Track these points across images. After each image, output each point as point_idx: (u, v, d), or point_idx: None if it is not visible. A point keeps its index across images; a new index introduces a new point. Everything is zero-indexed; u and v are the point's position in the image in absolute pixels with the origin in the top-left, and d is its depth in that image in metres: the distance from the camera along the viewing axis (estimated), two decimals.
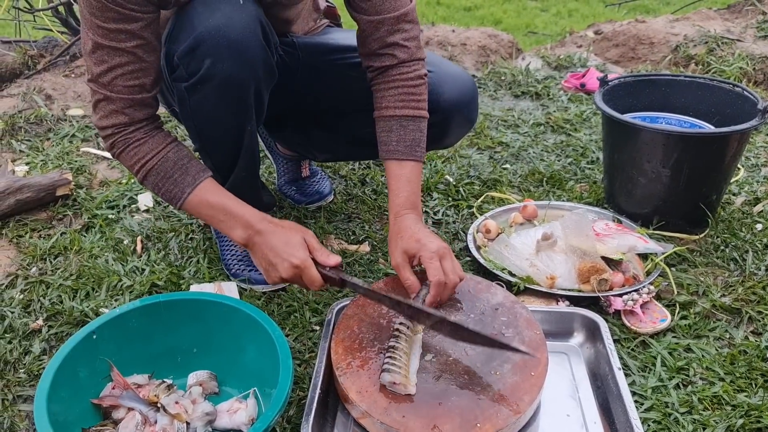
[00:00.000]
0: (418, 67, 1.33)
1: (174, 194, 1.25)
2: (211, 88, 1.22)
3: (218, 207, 1.25)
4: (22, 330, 1.39)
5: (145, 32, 1.17)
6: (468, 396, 1.10)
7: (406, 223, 1.28)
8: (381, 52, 1.32)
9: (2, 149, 2.22)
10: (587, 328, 1.32)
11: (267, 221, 1.24)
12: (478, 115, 1.55)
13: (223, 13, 1.17)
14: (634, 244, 1.54)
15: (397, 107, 1.32)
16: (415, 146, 1.32)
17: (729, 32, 3.15)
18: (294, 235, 1.21)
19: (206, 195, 1.25)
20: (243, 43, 1.18)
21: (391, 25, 1.30)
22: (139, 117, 1.23)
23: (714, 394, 1.20)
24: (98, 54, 1.16)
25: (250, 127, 1.34)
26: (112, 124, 1.22)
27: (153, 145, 1.24)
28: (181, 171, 1.25)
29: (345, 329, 1.23)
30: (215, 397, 1.20)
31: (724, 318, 1.41)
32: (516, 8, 5.40)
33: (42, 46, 2.98)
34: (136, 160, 1.24)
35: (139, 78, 1.19)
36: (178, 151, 1.26)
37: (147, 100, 1.23)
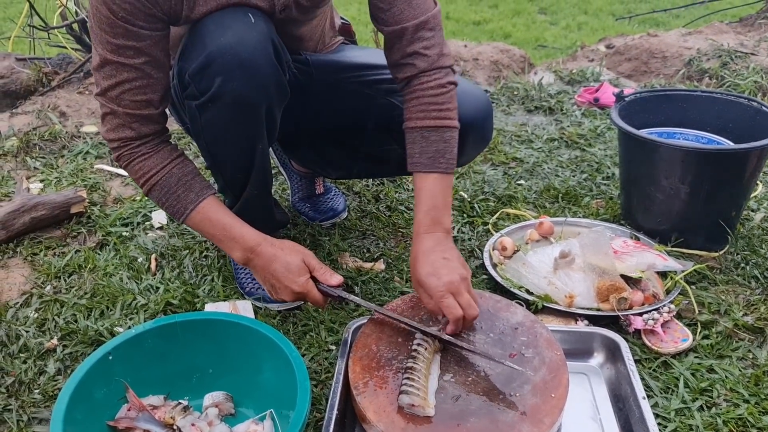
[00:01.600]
0: (440, 75, 1.29)
1: (177, 210, 1.27)
2: (222, 106, 1.22)
3: (218, 226, 1.27)
4: (36, 349, 1.38)
5: (153, 50, 1.18)
6: (487, 417, 1.08)
7: (423, 246, 1.24)
8: (402, 62, 1.30)
9: (17, 166, 2.23)
10: (607, 348, 1.30)
11: (267, 243, 1.25)
12: (492, 134, 1.54)
13: (234, 31, 1.17)
14: (654, 262, 1.52)
15: (418, 118, 1.29)
16: (438, 157, 1.28)
17: (742, 46, 3.13)
18: (293, 258, 1.23)
19: (208, 213, 1.27)
20: (254, 61, 1.18)
21: (412, 34, 1.27)
22: (145, 132, 1.24)
23: (739, 417, 1.18)
24: (106, 69, 1.17)
25: (262, 145, 1.34)
26: (118, 137, 1.23)
27: (158, 160, 1.25)
28: (184, 187, 1.26)
29: (363, 348, 1.22)
30: (231, 419, 1.19)
31: (747, 337, 1.38)
32: (525, 22, 5.40)
33: (56, 63, 3.00)
34: (141, 174, 1.26)
35: (146, 93, 1.20)
36: (183, 167, 1.27)
37: (154, 115, 1.24)
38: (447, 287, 1.17)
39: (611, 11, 5.64)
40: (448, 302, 1.16)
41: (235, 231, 1.26)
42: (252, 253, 1.24)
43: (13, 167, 2.22)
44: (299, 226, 1.81)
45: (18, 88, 2.85)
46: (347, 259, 1.66)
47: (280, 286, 1.21)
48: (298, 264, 1.22)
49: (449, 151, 1.29)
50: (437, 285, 1.17)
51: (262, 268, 1.24)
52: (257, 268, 1.25)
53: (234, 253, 1.27)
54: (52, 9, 3.07)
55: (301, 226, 1.80)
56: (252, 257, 1.25)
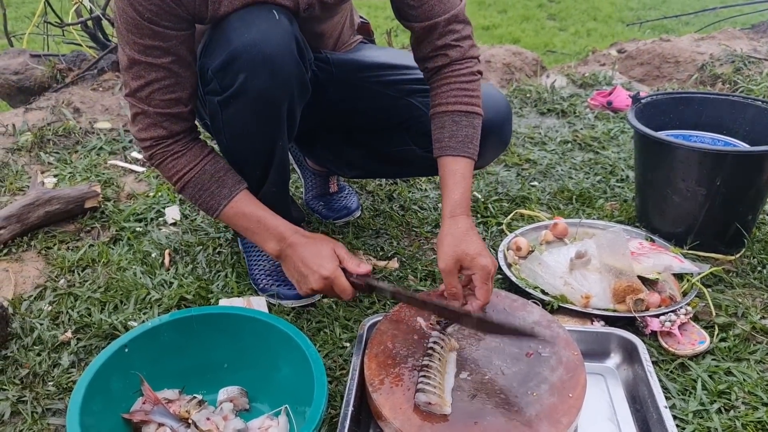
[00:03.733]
0: (471, 64, 1.32)
1: (210, 206, 1.28)
2: (245, 102, 1.22)
3: (253, 219, 1.28)
4: (51, 342, 1.38)
5: (179, 49, 1.19)
6: (504, 416, 1.07)
7: (460, 226, 1.24)
8: (434, 55, 1.31)
9: (31, 161, 2.24)
10: (624, 349, 1.29)
11: (299, 234, 1.26)
12: (511, 136, 1.53)
13: (258, 28, 1.17)
14: (670, 264, 1.51)
15: (449, 103, 1.30)
16: (467, 142, 1.29)
17: (756, 51, 3.13)
18: (324, 247, 1.23)
19: (242, 207, 1.28)
20: (278, 58, 1.18)
21: (443, 28, 1.29)
22: (176, 130, 1.24)
23: (758, 420, 1.17)
24: (135, 69, 1.18)
25: (282, 142, 1.34)
26: (150, 136, 1.24)
27: (191, 158, 1.26)
28: (217, 183, 1.27)
29: (378, 344, 1.22)
30: (246, 414, 1.19)
31: (765, 341, 1.37)
32: (534, 27, 5.40)
33: (71, 60, 3.01)
34: (174, 172, 1.27)
35: (175, 92, 1.21)
36: (215, 164, 1.28)
37: (184, 113, 1.24)
38: (488, 272, 1.21)
39: (620, 18, 5.63)
40: (486, 288, 1.22)
41: (270, 223, 1.27)
42: (285, 243, 1.25)
43: (27, 162, 2.22)
44: (313, 224, 1.81)
45: (32, 85, 2.86)
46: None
47: (309, 272, 1.21)
48: (329, 251, 1.22)
49: (476, 138, 1.31)
50: (480, 269, 1.21)
51: (293, 257, 1.24)
52: (289, 258, 1.25)
53: (268, 245, 1.27)
54: (67, 6, 3.09)
55: (314, 224, 1.80)
56: (285, 247, 1.25)
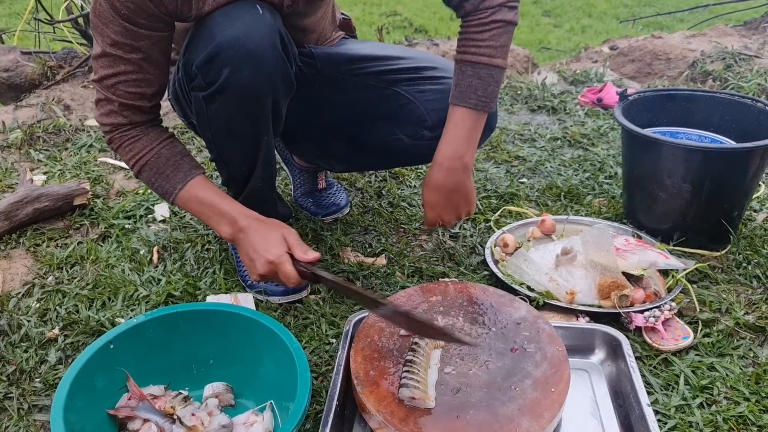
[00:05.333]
0: (485, 15, 1.27)
1: (166, 189, 1.30)
2: (229, 97, 1.22)
3: (207, 203, 1.29)
4: (38, 339, 1.38)
5: (151, 49, 1.21)
6: (487, 410, 1.08)
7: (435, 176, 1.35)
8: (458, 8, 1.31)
9: (21, 158, 2.23)
10: (608, 344, 1.30)
11: (252, 218, 1.27)
12: (497, 122, 1.54)
13: (242, 23, 1.17)
14: (655, 260, 1.52)
15: (458, 53, 1.31)
16: (469, 92, 1.28)
17: (746, 48, 3.13)
18: (273, 232, 1.24)
19: (196, 191, 1.29)
20: (262, 53, 1.19)
21: None
22: (136, 120, 1.28)
23: (739, 414, 1.18)
24: (104, 59, 1.20)
25: (267, 137, 1.34)
26: (110, 122, 1.27)
27: (147, 142, 1.28)
28: (173, 167, 1.29)
29: (364, 338, 1.22)
30: (231, 410, 1.19)
31: (748, 336, 1.38)
32: (529, 24, 5.41)
33: (61, 57, 3.01)
34: (131, 155, 1.29)
35: (141, 87, 1.24)
36: (172, 148, 1.30)
37: (145, 107, 1.27)
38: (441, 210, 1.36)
39: (615, 14, 5.64)
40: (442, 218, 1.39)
41: (223, 207, 1.28)
42: (237, 227, 1.26)
43: (16, 159, 2.22)
44: (301, 221, 1.81)
45: (23, 82, 2.85)
46: (349, 254, 1.66)
47: (256, 257, 1.21)
48: (277, 237, 1.23)
49: (482, 89, 1.28)
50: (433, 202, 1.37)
51: (244, 242, 1.25)
52: (241, 242, 1.26)
53: (222, 229, 1.28)
54: (58, 3, 3.08)
55: (303, 221, 1.81)
56: (237, 231, 1.26)
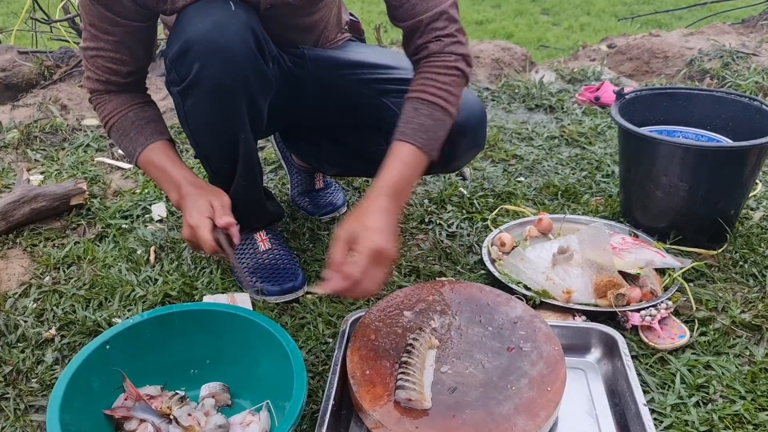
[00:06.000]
0: (449, 59, 1.25)
1: (129, 151, 1.35)
2: (202, 93, 1.24)
3: (160, 168, 1.32)
4: (34, 339, 1.38)
5: (125, 37, 1.26)
6: (483, 409, 1.08)
7: (371, 203, 1.16)
8: (417, 51, 1.29)
9: (18, 158, 2.23)
10: (605, 343, 1.30)
11: (193, 186, 1.28)
12: (485, 140, 1.52)
13: (213, 19, 1.19)
14: (652, 259, 1.52)
15: (415, 90, 1.26)
16: (420, 131, 1.21)
17: (744, 46, 3.13)
18: (201, 198, 1.25)
19: (153, 156, 1.32)
20: (231, 48, 1.19)
21: (426, 26, 1.26)
22: (112, 88, 1.34)
23: (735, 413, 1.18)
24: (88, 31, 1.27)
25: (245, 135, 1.34)
26: (90, 87, 1.35)
27: (118, 104, 1.34)
28: (137, 130, 1.33)
29: (361, 338, 1.22)
30: (228, 410, 1.19)
31: (744, 335, 1.38)
32: (528, 22, 5.40)
33: (58, 56, 3.00)
34: (103, 116, 1.36)
35: (116, 64, 1.30)
36: (140, 112, 1.35)
37: (120, 82, 1.33)
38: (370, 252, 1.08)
39: (614, 12, 5.64)
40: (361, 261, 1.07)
41: (172, 174, 1.30)
42: (180, 193, 1.27)
43: (13, 159, 2.22)
44: (298, 220, 1.81)
45: (20, 81, 2.85)
46: None
47: (183, 222, 1.23)
48: (204, 202, 1.24)
49: (433, 131, 1.22)
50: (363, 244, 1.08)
51: (183, 209, 1.26)
52: (182, 210, 1.27)
53: (170, 195, 1.31)
54: (55, 3, 3.08)
55: (300, 220, 1.81)
56: (179, 198, 1.28)
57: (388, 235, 1.12)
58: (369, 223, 1.12)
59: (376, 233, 1.10)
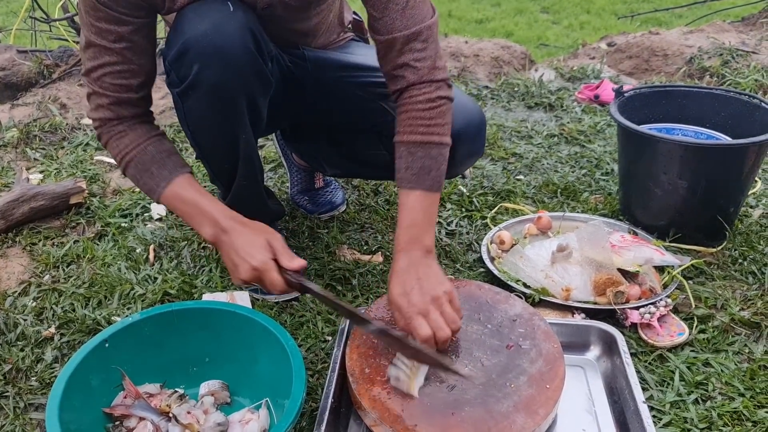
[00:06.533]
0: (430, 90, 1.23)
1: (150, 187, 1.27)
2: (201, 94, 1.23)
3: (189, 203, 1.25)
4: (34, 338, 1.38)
5: (134, 36, 1.20)
6: (482, 407, 1.08)
7: (398, 265, 1.19)
8: (393, 74, 1.26)
9: (17, 157, 2.23)
10: (604, 341, 1.31)
11: (235, 220, 1.22)
12: (484, 147, 1.50)
13: (211, 19, 1.18)
14: (651, 257, 1.52)
15: (405, 133, 1.24)
16: (422, 174, 1.22)
17: (744, 44, 3.13)
18: (258, 237, 1.19)
19: (179, 190, 1.26)
20: (230, 50, 1.19)
21: (402, 45, 1.22)
22: (124, 114, 1.26)
23: (734, 410, 1.18)
24: (90, 51, 1.20)
25: (245, 135, 1.33)
26: (99, 117, 1.26)
27: (134, 138, 1.27)
28: (158, 165, 1.26)
29: (360, 336, 1.23)
30: (227, 408, 1.19)
31: (743, 332, 1.38)
32: (527, 21, 5.40)
33: (57, 55, 3.00)
34: (117, 151, 1.27)
35: (126, 78, 1.23)
36: (158, 145, 1.28)
37: (132, 99, 1.25)
38: (417, 309, 1.13)
39: (613, 11, 5.63)
40: (416, 323, 1.12)
41: (205, 208, 1.23)
42: (219, 228, 1.21)
43: (13, 158, 2.22)
44: (298, 218, 1.81)
45: (19, 80, 2.85)
46: (345, 251, 1.67)
47: (240, 262, 1.16)
48: (262, 242, 1.18)
49: (435, 168, 1.23)
50: (406, 307, 1.14)
51: (227, 244, 1.20)
52: (223, 245, 1.21)
53: (204, 230, 1.23)
54: (54, 2, 3.08)
55: (299, 219, 1.81)
56: (219, 233, 1.21)
57: (428, 286, 1.16)
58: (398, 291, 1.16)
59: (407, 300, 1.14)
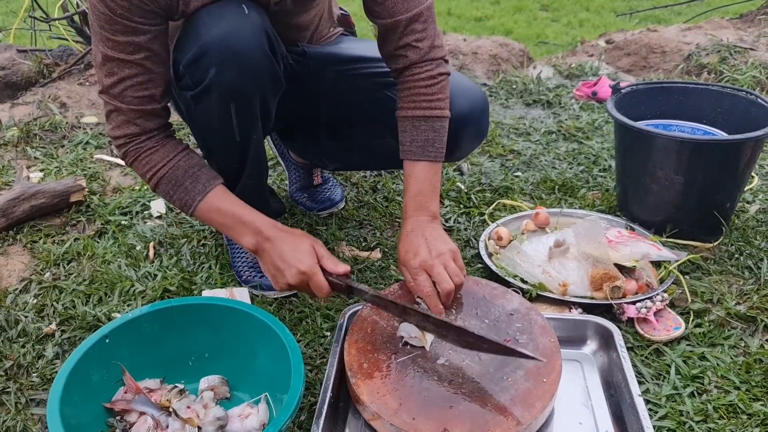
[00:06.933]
0: (431, 67, 1.32)
1: (185, 202, 1.26)
2: (216, 97, 1.23)
3: (228, 214, 1.26)
4: (35, 334, 1.39)
5: (153, 44, 1.18)
6: (479, 401, 1.09)
7: (404, 228, 1.31)
8: (395, 54, 1.33)
9: (17, 156, 2.24)
10: (600, 335, 1.31)
11: (277, 228, 1.24)
12: (488, 129, 1.54)
13: (228, 22, 1.17)
14: (648, 252, 1.53)
15: (409, 108, 1.33)
16: (427, 146, 1.32)
17: (742, 41, 3.14)
18: (303, 242, 1.21)
19: (216, 202, 1.26)
20: (247, 52, 1.19)
21: (405, 27, 1.30)
22: (149, 127, 1.24)
23: (729, 403, 1.19)
24: (108, 66, 1.17)
25: (256, 136, 1.34)
26: (123, 134, 1.23)
27: (164, 154, 1.25)
28: (192, 179, 1.26)
29: (359, 331, 1.23)
30: (227, 402, 1.20)
31: (739, 326, 1.39)
32: (527, 18, 5.41)
33: (57, 55, 3.01)
34: (147, 168, 1.26)
35: (148, 89, 1.21)
36: (189, 159, 1.27)
37: (157, 110, 1.24)
38: (420, 265, 1.22)
39: (613, 8, 5.64)
40: (420, 279, 1.21)
41: (246, 217, 1.24)
42: (262, 236, 1.22)
43: (13, 157, 2.23)
44: (296, 216, 1.82)
45: (19, 80, 2.86)
46: (344, 248, 1.67)
47: (286, 267, 1.18)
48: (307, 247, 1.20)
49: (438, 140, 1.33)
50: (412, 263, 1.23)
51: (270, 252, 1.21)
52: (266, 252, 1.22)
53: (244, 239, 1.24)
54: (54, 1, 3.09)
55: (298, 216, 1.82)
56: (262, 241, 1.22)
57: (434, 244, 1.24)
58: (407, 246, 1.26)
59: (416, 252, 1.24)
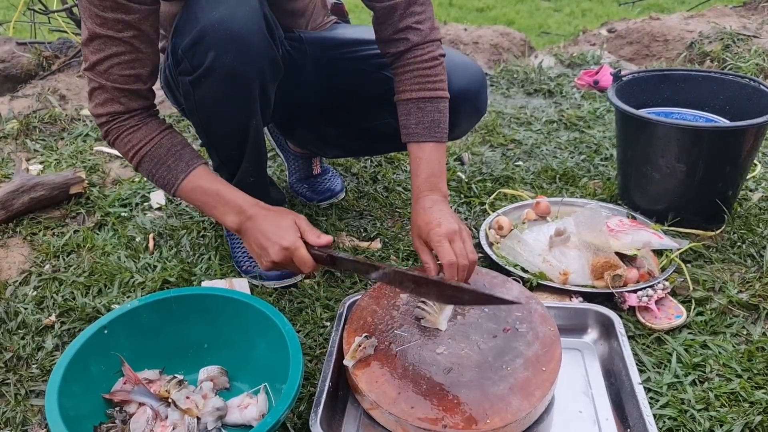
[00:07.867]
0: (433, 48, 1.33)
1: (167, 180, 1.25)
2: (215, 81, 1.22)
3: (211, 193, 1.24)
4: (35, 326, 1.39)
5: (142, 24, 1.16)
6: (478, 389, 1.09)
7: (421, 204, 1.29)
8: (395, 38, 1.32)
9: (17, 148, 2.24)
10: (601, 324, 1.31)
11: (259, 206, 1.22)
12: (487, 105, 1.54)
13: (226, 6, 1.17)
14: (649, 240, 1.52)
15: (413, 90, 1.32)
16: (434, 127, 1.32)
17: (745, 28, 3.11)
18: (284, 218, 1.20)
19: (199, 181, 1.24)
20: (246, 36, 1.18)
21: (403, 10, 1.29)
22: (133, 107, 1.23)
23: (731, 391, 1.18)
24: (95, 43, 1.16)
25: (256, 121, 1.34)
26: (106, 112, 1.22)
27: (147, 132, 1.24)
28: (174, 157, 1.24)
29: (358, 320, 1.23)
30: (226, 393, 1.20)
31: (741, 314, 1.38)
32: (529, 9, 5.37)
33: (56, 47, 3.00)
34: (130, 146, 1.24)
35: (135, 68, 1.19)
36: (172, 138, 1.26)
37: (142, 91, 1.23)
38: (446, 234, 1.21)
39: None
40: (444, 247, 1.19)
41: (228, 196, 1.23)
42: (245, 215, 1.21)
43: (13, 149, 2.23)
44: (297, 206, 1.81)
45: (18, 72, 2.85)
46: (344, 238, 1.67)
47: (269, 244, 1.17)
48: (289, 222, 1.19)
49: (443, 121, 1.33)
50: (437, 231, 1.21)
51: (253, 230, 1.20)
52: (249, 231, 1.21)
53: (227, 218, 1.23)
54: None
55: (298, 207, 1.81)
56: (244, 220, 1.21)
57: (446, 218, 1.24)
58: (428, 219, 1.25)
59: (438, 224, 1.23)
